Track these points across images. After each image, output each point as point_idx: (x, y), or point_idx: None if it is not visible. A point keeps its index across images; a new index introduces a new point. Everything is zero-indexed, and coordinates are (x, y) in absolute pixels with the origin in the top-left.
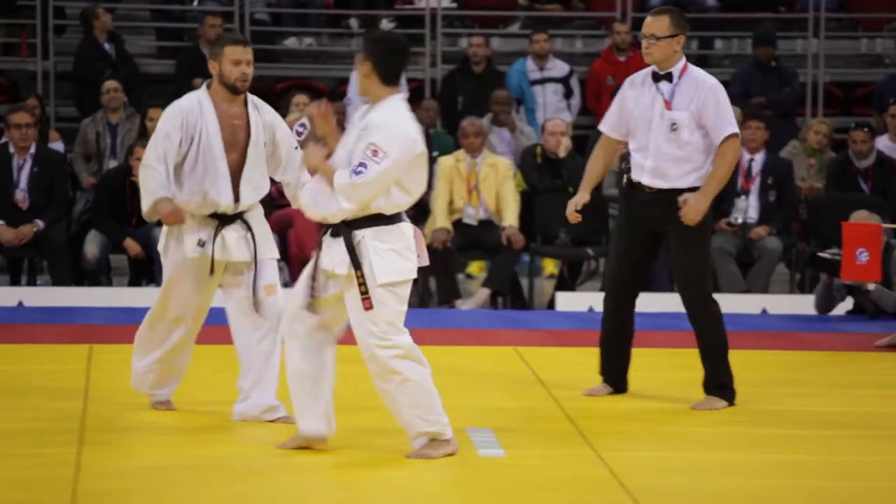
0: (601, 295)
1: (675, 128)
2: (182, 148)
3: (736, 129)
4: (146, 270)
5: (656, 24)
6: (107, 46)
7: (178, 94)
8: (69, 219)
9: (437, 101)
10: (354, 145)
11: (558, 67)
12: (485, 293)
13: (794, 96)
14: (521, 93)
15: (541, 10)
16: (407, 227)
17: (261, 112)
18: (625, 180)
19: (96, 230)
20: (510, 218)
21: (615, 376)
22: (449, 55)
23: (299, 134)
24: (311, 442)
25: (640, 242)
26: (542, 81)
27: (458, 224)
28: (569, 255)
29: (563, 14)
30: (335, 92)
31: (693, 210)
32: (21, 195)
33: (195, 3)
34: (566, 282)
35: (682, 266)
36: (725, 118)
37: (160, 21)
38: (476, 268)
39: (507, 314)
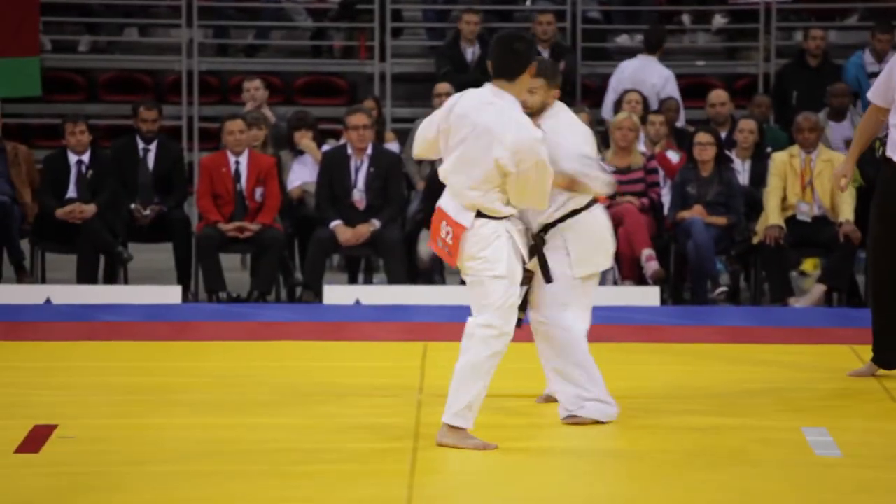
0: None
1: None
2: None
3: None
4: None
5: None
6: (469, 51)
7: None
8: (404, 218)
9: (770, 96)
10: None
11: None
12: (820, 290)
13: None
14: (858, 86)
15: (879, 0)
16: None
17: None
18: (879, 153)
19: (427, 229)
20: (847, 213)
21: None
22: (783, 49)
23: None
24: None
25: None
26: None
27: (791, 220)
28: None
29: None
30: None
31: None
32: (358, 195)
33: (528, 3)
34: None
35: None
36: None
37: (491, 21)
38: (810, 265)
39: (843, 312)
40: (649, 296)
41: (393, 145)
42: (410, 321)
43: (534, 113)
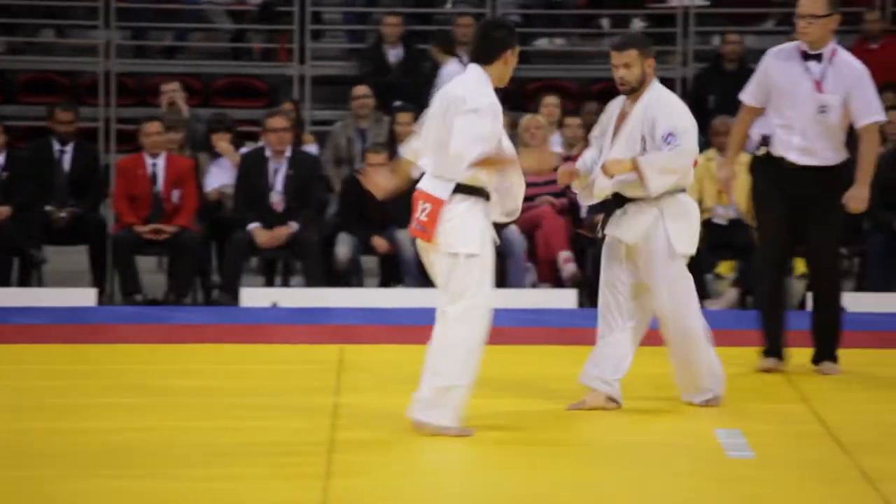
0: (854, 295)
1: (824, 110)
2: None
3: (882, 117)
4: (395, 271)
5: (814, 4)
6: (391, 53)
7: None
8: (322, 221)
9: (687, 99)
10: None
11: None
12: (734, 293)
13: None
14: None
15: (795, 5)
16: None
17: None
18: (761, 152)
19: (345, 232)
20: None
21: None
22: (701, 53)
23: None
24: None
25: (791, 206)
26: None
27: (707, 224)
28: None
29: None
30: (586, 92)
31: (860, 200)
32: (276, 198)
33: (447, 6)
34: None
35: (815, 240)
36: (873, 104)
37: (413, 25)
38: (725, 268)
39: (757, 315)
40: (566, 298)
41: (312, 148)
42: (327, 323)
43: (634, 88)
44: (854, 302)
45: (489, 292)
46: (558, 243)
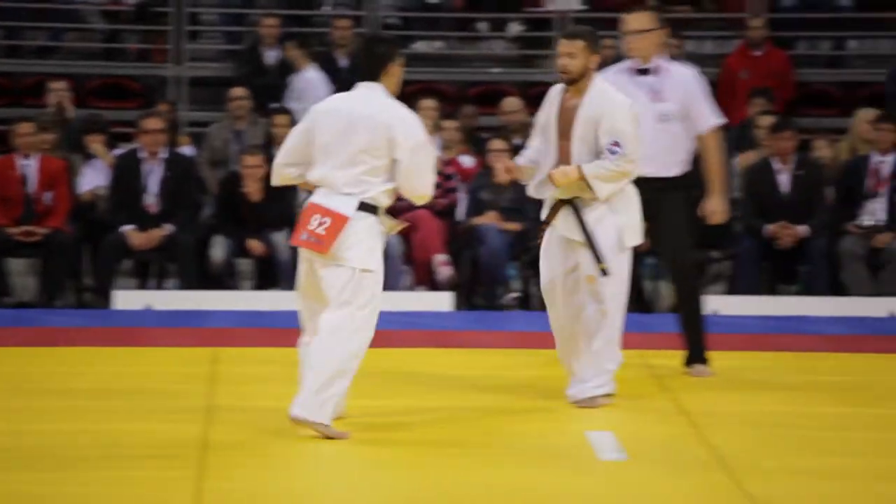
0: (726, 298)
1: (665, 119)
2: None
3: (721, 120)
4: (270, 274)
5: (638, 20)
6: (269, 54)
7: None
8: (197, 223)
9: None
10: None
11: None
12: None
13: None
14: None
15: (671, 11)
16: None
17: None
18: None
19: (220, 234)
20: None
21: None
22: None
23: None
24: None
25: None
26: None
27: None
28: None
29: (694, 15)
30: (463, 95)
31: (718, 213)
32: (151, 199)
33: (325, 8)
34: None
35: (666, 245)
36: (710, 109)
37: (290, 27)
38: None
39: (630, 318)
40: (442, 301)
41: (187, 149)
42: (202, 326)
43: (575, 79)
44: (725, 305)
45: (378, 304)
46: (434, 246)
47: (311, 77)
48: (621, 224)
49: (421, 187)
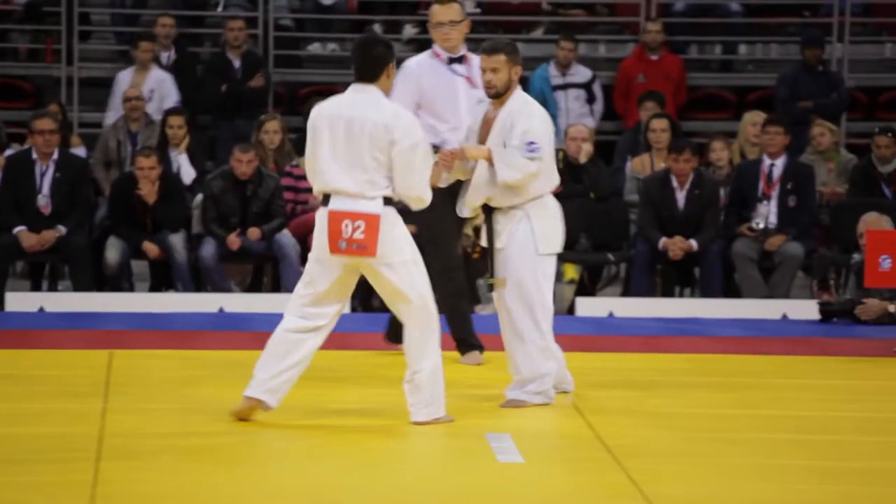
0: (622, 300)
1: (481, 104)
2: None
3: None
4: (166, 276)
5: (452, 11)
6: (164, 55)
7: (207, 99)
8: (91, 224)
9: None
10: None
11: (581, 73)
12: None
13: (843, 101)
14: (543, 98)
15: (564, 15)
16: None
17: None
18: (435, 160)
19: (115, 236)
20: None
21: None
22: None
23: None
24: None
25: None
26: (565, 87)
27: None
28: (589, 260)
29: (588, 19)
30: None
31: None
32: (44, 201)
33: (219, 9)
34: (586, 287)
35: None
36: None
37: (183, 27)
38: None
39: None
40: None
41: (80, 150)
42: (96, 329)
43: (500, 92)
44: (620, 307)
45: (427, 286)
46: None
47: (159, 77)
48: (538, 231)
49: (416, 187)
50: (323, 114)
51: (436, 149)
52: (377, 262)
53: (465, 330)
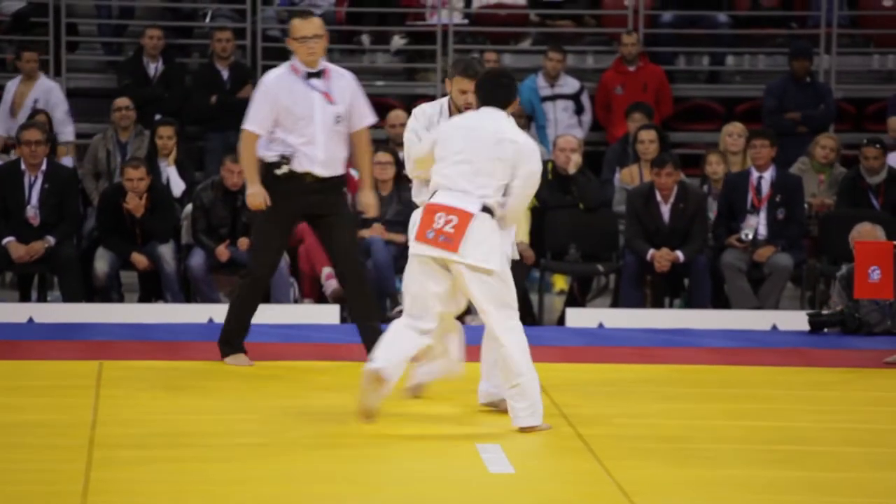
0: (612, 311)
1: (339, 120)
2: None
3: (374, 119)
4: (155, 287)
5: (315, 26)
6: (152, 66)
7: (196, 110)
8: (80, 235)
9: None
10: None
11: (569, 84)
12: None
13: (830, 113)
14: (531, 109)
15: (552, 26)
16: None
17: None
18: (283, 171)
19: (103, 247)
20: (520, 234)
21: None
22: None
23: None
24: None
25: (291, 225)
26: (553, 98)
27: None
28: (579, 270)
29: (575, 30)
30: None
31: (372, 206)
32: (32, 212)
33: (207, 20)
34: (576, 298)
35: (343, 240)
36: (368, 107)
37: (170, 38)
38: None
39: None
40: (329, 314)
41: (66, 161)
42: (86, 339)
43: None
44: (610, 318)
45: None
46: (321, 259)
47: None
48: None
49: (518, 213)
50: (458, 123)
51: (285, 159)
52: (465, 259)
53: (240, 334)
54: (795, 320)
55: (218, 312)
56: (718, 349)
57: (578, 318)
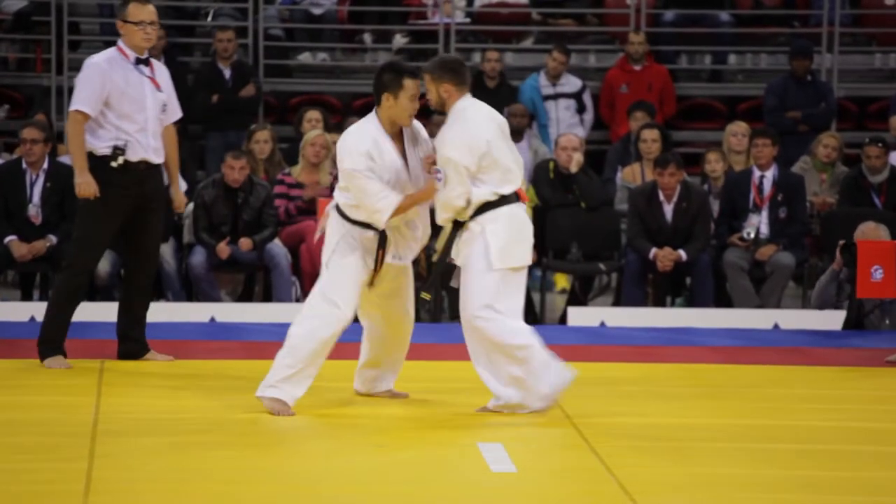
0: (614, 310)
1: (164, 109)
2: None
3: (181, 113)
4: (156, 286)
5: (151, 12)
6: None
7: (197, 110)
8: None
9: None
10: None
11: (571, 83)
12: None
13: (831, 111)
14: (533, 108)
15: (554, 24)
16: None
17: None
18: (119, 162)
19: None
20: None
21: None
22: None
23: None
24: None
25: (121, 220)
26: (555, 97)
27: None
28: (580, 269)
29: (577, 29)
30: (348, 107)
31: (182, 201)
32: (34, 210)
33: (209, 19)
34: (578, 296)
35: (155, 240)
36: (177, 103)
37: (173, 37)
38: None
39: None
40: None
41: (66, 159)
42: (87, 338)
43: (439, 110)
44: (611, 317)
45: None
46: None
47: None
48: (492, 245)
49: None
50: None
51: (119, 150)
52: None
53: (61, 330)
54: (797, 319)
55: (220, 311)
56: (720, 348)
57: (580, 316)
